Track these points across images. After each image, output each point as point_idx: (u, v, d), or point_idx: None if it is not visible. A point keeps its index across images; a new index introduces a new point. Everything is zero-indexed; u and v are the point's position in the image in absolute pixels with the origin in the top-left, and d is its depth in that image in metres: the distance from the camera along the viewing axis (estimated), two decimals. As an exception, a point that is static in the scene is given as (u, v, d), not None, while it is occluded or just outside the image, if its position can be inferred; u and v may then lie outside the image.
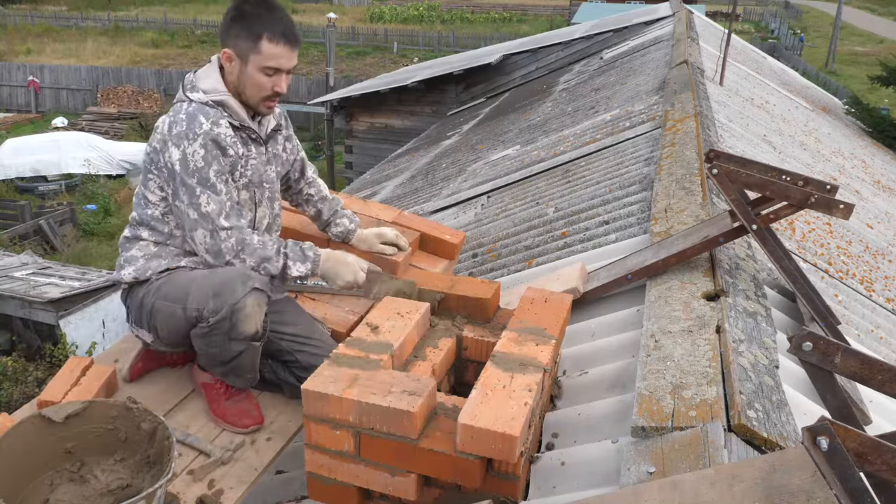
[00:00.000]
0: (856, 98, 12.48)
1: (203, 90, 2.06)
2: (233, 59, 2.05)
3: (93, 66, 26.92)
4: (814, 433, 1.13)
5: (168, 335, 2.08)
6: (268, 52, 2.02)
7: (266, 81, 2.05)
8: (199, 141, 1.98)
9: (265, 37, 2.00)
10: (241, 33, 2.02)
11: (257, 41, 2.00)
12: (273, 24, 2.01)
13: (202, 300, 1.96)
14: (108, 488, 1.79)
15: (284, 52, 2.04)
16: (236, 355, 2.02)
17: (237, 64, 2.05)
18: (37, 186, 17.57)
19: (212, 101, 2.05)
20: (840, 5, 30.97)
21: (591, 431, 1.87)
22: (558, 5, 43.69)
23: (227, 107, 2.06)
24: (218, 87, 2.07)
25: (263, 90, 2.07)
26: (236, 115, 2.08)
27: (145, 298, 2.08)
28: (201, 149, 1.98)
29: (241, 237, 2.04)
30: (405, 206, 6.59)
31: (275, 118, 2.26)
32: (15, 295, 9.15)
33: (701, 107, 4.93)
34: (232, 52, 2.04)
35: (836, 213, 2.12)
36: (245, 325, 1.96)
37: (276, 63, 2.03)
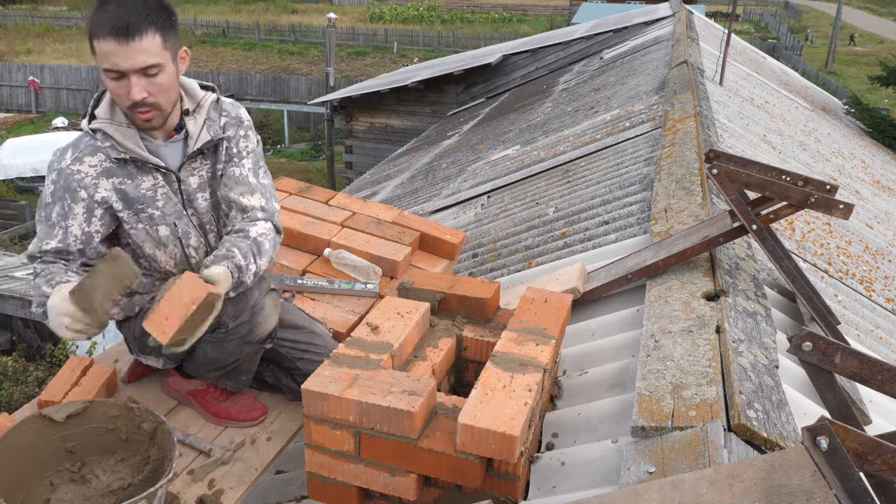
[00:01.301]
0: (855, 98, 12.48)
1: (95, 115, 1.84)
2: None
3: (93, 66, 26.87)
4: (814, 433, 1.14)
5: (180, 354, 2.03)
6: (100, 51, 1.69)
7: (115, 87, 1.73)
8: (53, 176, 1.83)
9: (95, 34, 1.68)
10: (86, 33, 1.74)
11: (91, 41, 1.70)
12: (103, 17, 1.67)
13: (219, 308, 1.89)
14: (108, 488, 1.79)
15: (114, 48, 1.66)
16: (239, 360, 2.02)
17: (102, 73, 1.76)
18: (37, 186, 17.52)
19: (92, 129, 1.82)
20: (840, 5, 30.96)
21: (591, 431, 1.87)
22: (558, 5, 43.69)
23: (108, 136, 1.81)
24: (102, 112, 1.83)
25: (121, 98, 1.75)
26: (119, 145, 1.81)
27: None
28: (52, 184, 1.83)
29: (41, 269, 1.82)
30: (405, 206, 6.59)
31: (210, 131, 1.91)
32: (15, 295, 9.15)
33: (701, 107, 4.93)
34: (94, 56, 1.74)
35: (835, 213, 2.12)
36: (263, 326, 1.95)
37: (109, 63, 1.68)
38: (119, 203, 1.86)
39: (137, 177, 1.86)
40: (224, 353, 1.99)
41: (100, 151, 1.84)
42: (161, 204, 1.89)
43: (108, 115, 1.83)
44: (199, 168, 1.94)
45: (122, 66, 1.69)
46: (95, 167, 1.83)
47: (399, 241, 2.76)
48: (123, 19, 1.66)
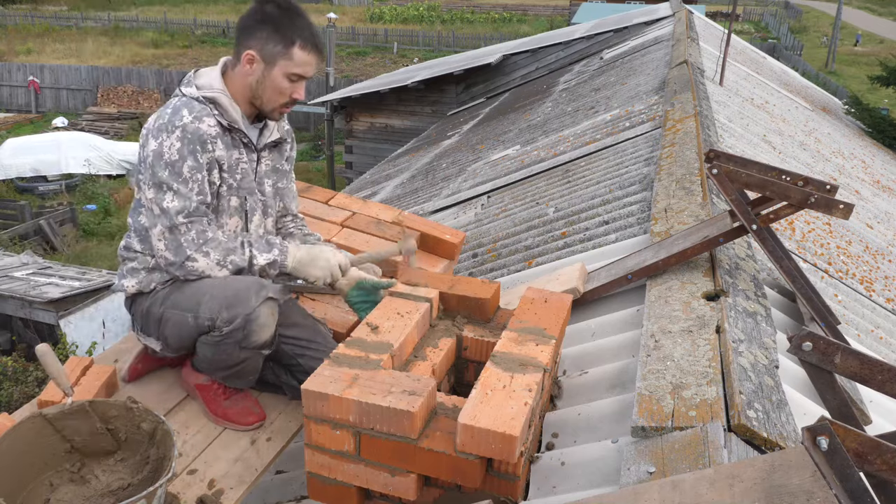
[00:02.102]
0: (856, 98, 12.49)
1: (197, 85, 2.00)
2: (256, 61, 1.98)
3: (93, 66, 26.93)
4: (814, 433, 1.14)
5: (178, 343, 2.06)
6: (298, 59, 1.97)
7: (288, 87, 2.01)
8: (177, 133, 1.91)
9: (298, 43, 1.96)
10: (271, 36, 1.95)
11: (289, 46, 1.96)
12: (305, 30, 1.97)
13: (215, 310, 1.92)
14: (108, 488, 1.79)
15: (312, 61, 2.00)
16: (242, 361, 2.02)
17: (260, 67, 1.98)
18: (37, 186, 17.57)
19: (203, 96, 1.98)
20: (840, 5, 30.97)
21: (591, 431, 1.87)
22: (558, 5, 43.70)
23: (218, 104, 1.99)
24: (214, 84, 2.01)
25: (283, 96, 2.02)
26: (227, 115, 2.00)
27: (152, 308, 2.06)
28: (178, 141, 1.91)
29: (201, 229, 1.94)
30: (405, 206, 6.59)
31: (279, 131, 2.19)
32: (15, 295, 9.16)
33: (701, 107, 4.93)
34: (256, 54, 1.97)
35: (835, 213, 2.12)
36: (258, 334, 1.95)
37: (302, 70, 1.99)
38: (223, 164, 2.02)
39: (230, 147, 2.03)
40: (221, 355, 2.00)
41: (211, 116, 1.98)
42: (239, 177, 2.07)
43: (221, 87, 2.01)
44: (268, 158, 2.18)
45: (308, 75, 2.02)
46: (213, 127, 1.98)
47: (399, 240, 2.75)
48: (320, 38, 2.02)
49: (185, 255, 1.94)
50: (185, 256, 1.94)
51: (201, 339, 2.00)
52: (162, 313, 2.04)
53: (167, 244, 1.94)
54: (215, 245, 1.96)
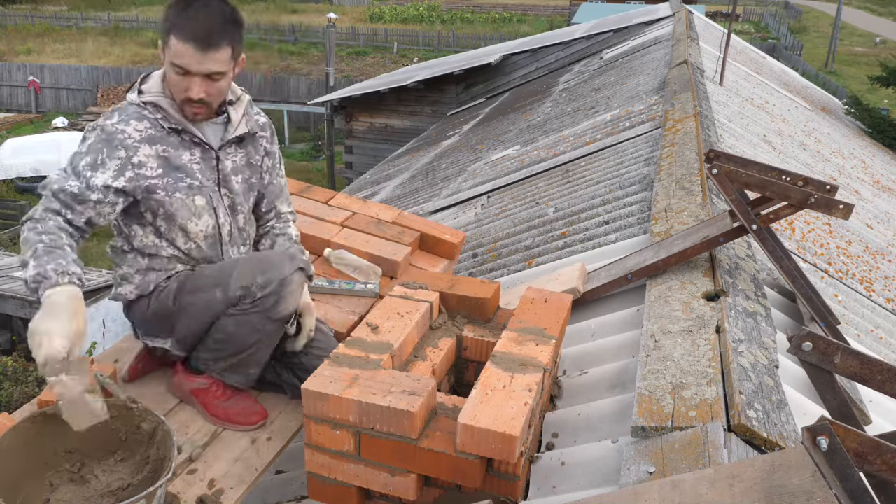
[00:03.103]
0: (855, 98, 12.48)
1: (140, 90, 1.97)
2: (161, 51, 1.93)
3: (93, 66, 26.93)
4: (814, 433, 1.14)
5: (193, 331, 2.04)
6: (175, 49, 1.86)
7: (178, 81, 1.90)
8: (96, 132, 1.91)
9: (173, 33, 1.86)
10: (162, 24, 1.90)
11: (166, 36, 1.87)
12: (185, 19, 1.85)
13: (249, 277, 1.94)
14: (108, 488, 1.79)
15: (189, 53, 1.84)
16: (257, 342, 2.01)
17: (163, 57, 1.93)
18: (37, 186, 17.39)
19: (142, 101, 1.94)
20: (840, 5, 30.97)
21: (591, 431, 1.87)
22: (558, 5, 43.68)
23: (159, 108, 1.95)
24: (153, 87, 1.96)
25: (178, 91, 1.92)
26: (171, 118, 1.95)
27: (161, 306, 2.04)
28: (93, 137, 1.91)
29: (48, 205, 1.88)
30: (405, 206, 6.59)
31: (248, 125, 2.11)
32: (15, 295, 9.16)
33: (701, 107, 4.94)
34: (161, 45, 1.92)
35: (835, 213, 2.12)
36: (289, 301, 1.97)
37: (180, 62, 1.86)
38: (159, 170, 1.96)
39: (180, 148, 1.99)
40: (244, 328, 1.99)
41: (147, 119, 1.94)
42: (199, 176, 2.02)
43: (160, 89, 1.97)
44: (234, 154, 2.11)
45: (192, 69, 1.86)
46: (141, 132, 1.94)
47: (399, 241, 2.76)
48: (205, 29, 1.84)
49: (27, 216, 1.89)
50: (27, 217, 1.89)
51: (226, 314, 1.98)
52: (178, 305, 2.02)
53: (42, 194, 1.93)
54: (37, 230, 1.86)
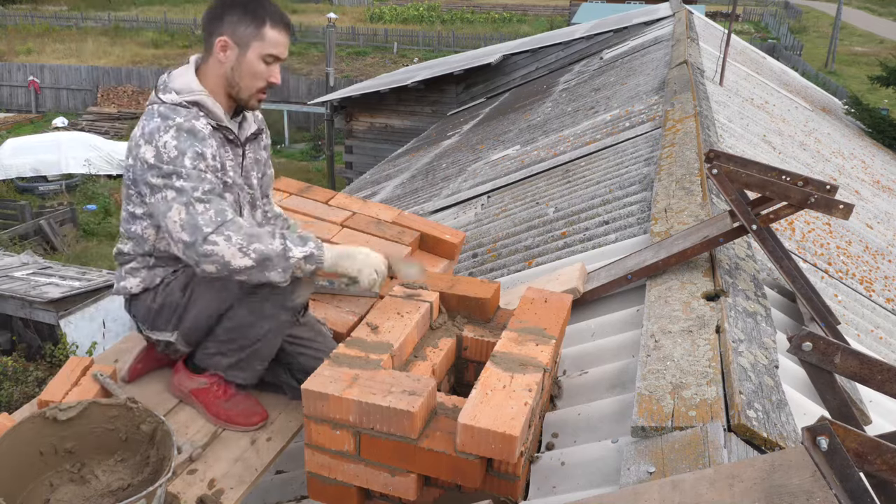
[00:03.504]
0: (855, 98, 12.48)
1: (175, 90, 1.94)
2: (229, 47, 1.93)
3: (93, 66, 26.92)
4: (814, 433, 1.14)
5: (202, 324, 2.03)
6: (271, 39, 1.93)
7: (264, 70, 1.96)
8: (171, 132, 1.85)
9: (269, 23, 1.93)
10: (241, 18, 1.91)
11: (261, 27, 1.92)
12: (273, 9, 1.95)
13: None
14: (108, 488, 1.79)
15: (284, 40, 1.97)
16: (266, 333, 2.00)
17: (233, 53, 1.93)
18: (37, 186, 17.56)
19: (185, 101, 1.93)
20: (840, 5, 30.97)
21: (591, 431, 1.87)
22: (558, 5, 43.68)
23: (202, 106, 1.94)
24: (192, 86, 1.95)
25: (259, 80, 1.97)
26: (213, 115, 1.96)
27: (169, 298, 2.03)
28: (173, 139, 1.85)
29: (220, 208, 1.82)
30: (405, 206, 6.59)
31: (256, 122, 2.15)
32: (15, 295, 9.16)
33: (701, 107, 4.94)
34: (229, 39, 1.92)
35: (835, 214, 2.12)
36: (304, 291, 1.99)
37: (277, 51, 1.95)
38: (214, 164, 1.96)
39: (223, 145, 2.00)
40: (258, 317, 1.98)
41: (199, 117, 1.93)
42: (232, 174, 2.03)
43: (200, 88, 1.95)
44: (250, 150, 2.14)
45: (283, 55, 1.99)
46: (206, 128, 1.93)
47: (399, 241, 2.76)
48: (287, 17, 1.99)
49: (202, 236, 1.77)
50: (203, 237, 1.77)
51: (241, 302, 1.96)
52: (188, 296, 2.01)
53: (183, 224, 1.79)
54: (236, 228, 1.80)
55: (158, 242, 2.02)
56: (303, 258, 1.86)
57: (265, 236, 1.83)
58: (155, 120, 1.89)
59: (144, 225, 2.01)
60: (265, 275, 1.83)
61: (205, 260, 1.79)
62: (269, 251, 1.81)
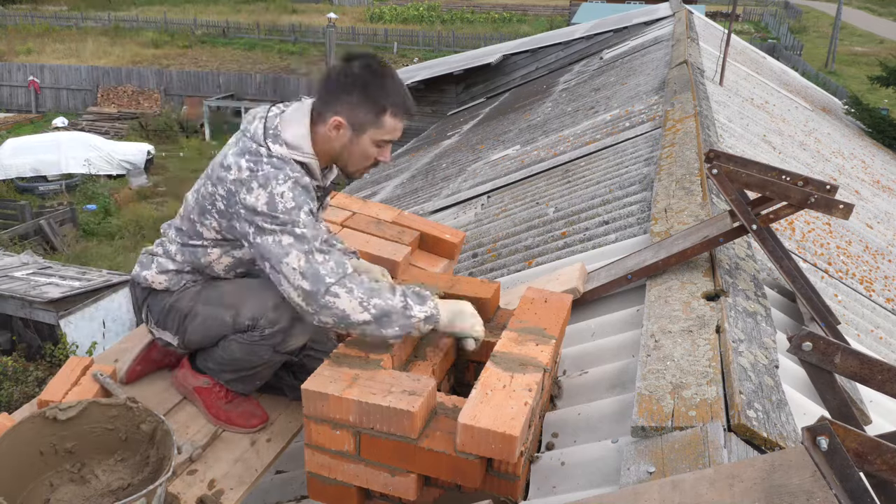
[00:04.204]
0: (855, 98, 12.48)
1: (287, 142, 1.85)
2: (343, 127, 1.86)
3: (93, 66, 26.92)
4: (814, 433, 1.14)
5: (199, 339, 2.03)
6: (389, 126, 1.87)
7: (375, 152, 1.91)
8: (289, 184, 1.79)
9: (390, 111, 1.85)
10: (361, 103, 1.83)
11: (380, 114, 1.85)
12: (396, 95, 1.86)
13: (260, 310, 1.88)
14: (108, 488, 1.79)
15: (402, 126, 1.91)
16: (263, 364, 2.00)
17: (347, 133, 1.87)
18: (37, 186, 17.57)
19: (294, 159, 1.85)
20: (840, 5, 30.97)
21: (591, 431, 1.87)
22: (558, 5, 43.69)
23: (307, 168, 1.89)
24: (304, 145, 1.87)
25: (369, 161, 1.93)
26: (315, 177, 1.93)
27: (179, 303, 2.03)
28: (290, 192, 1.79)
29: (341, 260, 1.78)
30: (405, 206, 6.59)
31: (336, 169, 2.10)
32: (15, 295, 9.16)
33: (701, 107, 4.94)
34: (344, 120, 1.85)
35: (835, 213, 2.12)
36: (297, 339, 1.95)
37: (392, 136, 1.90)
38: None
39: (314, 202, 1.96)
40: (251, 356, 1.98)
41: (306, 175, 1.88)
42: None
43: (311, 150, 1.89)
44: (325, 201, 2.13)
45: (396, 139, 1.92)
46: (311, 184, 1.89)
47: (399, 240, 2.76)
48: (411, 100, 1.91)
49: (325, 286, 1.73)
50: (326, 287, 1.73)
51: (233, 338, 1.96)
52: (192, 308, 2.00)
53: (304, 272, 1.73)
54: (358, 282, 1.77)
55: (216, 264, 2.00)
56: (423, 319, 1.81)
57: (385, 291, 1.79)
58: (264, 165, 1.81)
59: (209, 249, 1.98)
60: (381, 332, 1.78)
61: (325, 312, 1.75)
62: (390, 307, 1.77)
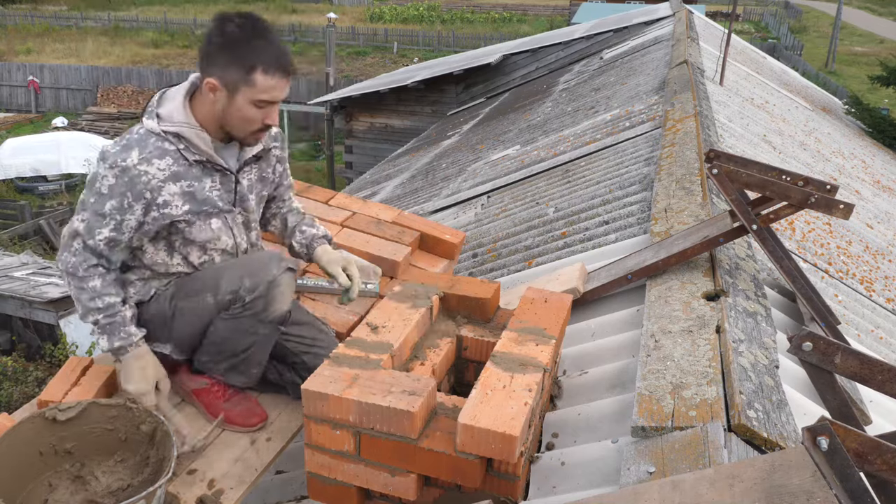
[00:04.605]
0: (856, 98, 12.47)
1: (160, 115, 1.87)
2: (218, 89, 1.84)
3: (93, 66, 26.92)
4: (814, 433, 1.13)
5: (189, 334, 2.04)
6: (262, 85, 1.82)
7: (257, 114, 1.87)
8: (116, 171, 1.82)
9: (259, 68, 1.81)
10: (230, 63, 1.81)
11: (250, 72, 1.81)
12: (267, 53, 1.81)
13: (236, 280, 1.94)
14: (108, 489, 1.79)
15: (279, 84, 1.85)
16: (252, 345, 2.02)
17: (223, 95, 1.85)
18: (37, 186, 17.57)
19: (164, 130, 1.85)
20: (840, 5, 30.96)
21: (591, 431, 1.87)
22: (558, 5, 43.68)
23: (183, 139, 1.87)
24: (175, 115, 1.87)
25: (253, 124, 1.89)
26: (196, 149, 1.88)
27: (158, 310, 2.04)
28: (113, 178, 1.82)
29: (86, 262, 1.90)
30: (405, 206, 6.59)
31: (262, 142, 2.06)
32: (15, 295, 9.16)
33: (701, 107, 4.93)
34: (217, 82, 1.83)
35: (835, 213, 2.12)
36: (279, 302, 1.97)
37: (269, 96, 1.85)
38: (185, 206, 1.92)
39: (203, 178, 1.94)
40: (238, 332, 1.99)
41: (168, 155, 1.87)
42: (219, 203, 1.99)
43: (184, 118, 1.88)
44: (250, 172, 2.08)
45: (277, 99, 1.87)
46: (164, 171, 1.86)
47: (399, 240, 2.76)
48: (286, 57, 1.85)
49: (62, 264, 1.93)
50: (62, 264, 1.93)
51: (219, 318, 1.99)
52: (173, 308, 2.02)
53: (64, 242, 1.93)
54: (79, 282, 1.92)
55: (155, 255, 2.01)
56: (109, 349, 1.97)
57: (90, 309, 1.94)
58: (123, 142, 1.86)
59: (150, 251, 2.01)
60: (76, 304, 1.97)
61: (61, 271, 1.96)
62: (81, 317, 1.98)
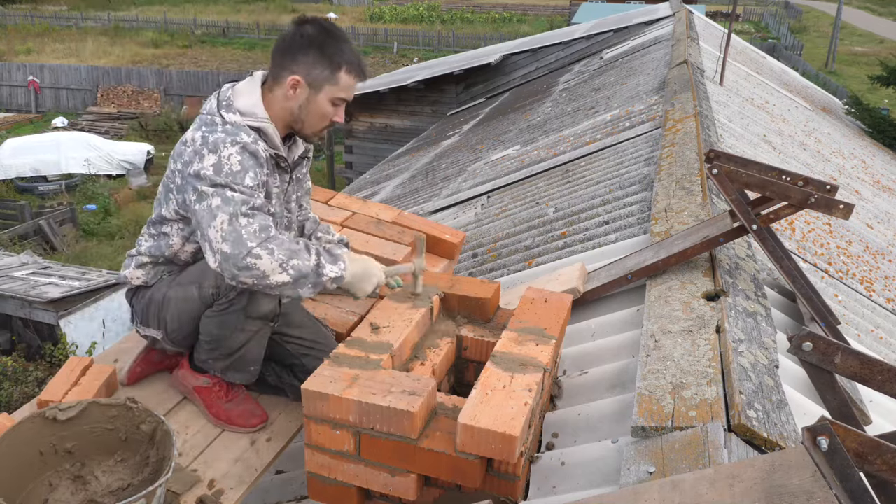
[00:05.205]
0: (856, 98, 12.47)
1: (240, 110, 1.92)
2: (300, 86, 1.93)
3: (93, 65, 26.90)
4: (814, 433, 1.14)
5: (179, 326, 2.04)
6: (345, 83, 1.95)
7: (331, 112, 1.98)
8: (237, 148, 1.84)
9: (345, 68, 1.94)
10: (317, 61, 1.92)
11: (336, 71, 1.93)
12: (350, 54, 1.96)
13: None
14: (108, 489, 1.79)
15: (355, 84, 2.00)
16: (245, 342, 2.01)
17: (304, 92, 1.94)
18: (37, 186, 17.56)
19: (248, 125, 1.92)
20: (840, 5, 30.97)
21: (591, 431, 1.87)
22: (558, 5, 43.68)
23: (263, 133, 1.94)
24: (257, 110, 1.94)
25: (325, 120, 1.99)
26: (271, 143, 1.96)
27: (155, 294, 2.06)
28: (238, 155, 1.84)
29: (265, 224, 1.80)
30: (405, 206, 6.59)
31: (304, 144, 2.15)
32: (15, 295, 9.16)
33: (701, 107, 4.93)
34: (302, 79, 1.93)
35: (835, 213, 2.12)
36: (262, 297, 1.96)
37: (347, 94, 1.97)
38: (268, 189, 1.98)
39: (274, 173, 2.01)
40: (227, 328, 1.99)
41: (261, 142, 1.93)
42: (275, 202, 2.05)
43: (264, 115, 1.95)
44: (296, 172, 2.16)
45: (351, 98, 2.00)
46: (266, 151, 1.94)
47: (399, 240, 2.76)
48: (364, 61, 2.00)
49: (246, 249, 1.74)
50: (247, 250, 1.74)
51: (206, 314, 1.99)
52: (164, 295, 2.03)
53: (225, 235, 1.75)
54: (279, 243, 1.79)
55: (181, 252, 2.04)
56: (332, 279, 1.87)
57: (303, 252, 1.83)
58: (219, 133, 1.86)
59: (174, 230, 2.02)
60: (297, 291, 1.84)
61: (245, 273, 1.76)
62: (305, 268, 1.81)
